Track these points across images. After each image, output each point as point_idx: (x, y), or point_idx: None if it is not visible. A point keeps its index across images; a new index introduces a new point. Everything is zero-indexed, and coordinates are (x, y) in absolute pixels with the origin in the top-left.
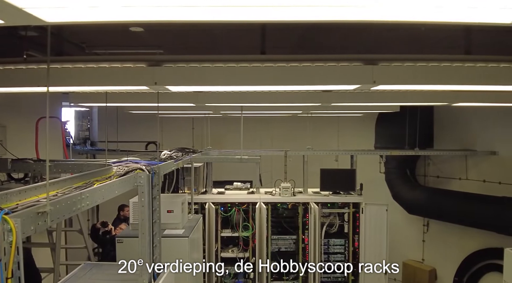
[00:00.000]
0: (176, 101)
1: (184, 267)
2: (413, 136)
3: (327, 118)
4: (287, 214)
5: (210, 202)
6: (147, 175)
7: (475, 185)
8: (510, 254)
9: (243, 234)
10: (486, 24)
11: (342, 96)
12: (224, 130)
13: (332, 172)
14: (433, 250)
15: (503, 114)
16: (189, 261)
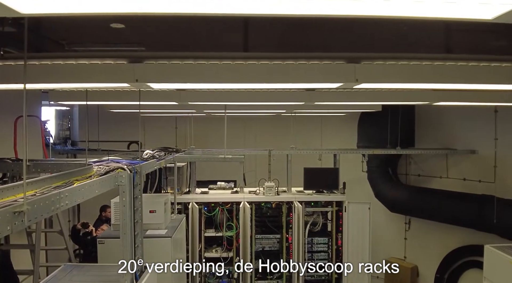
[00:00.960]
0: (159, 99)
1: (167, 267)
2: (395, 135)
3: (311, 118)
4: (271, 213)
5: (194, 202)
6: (129, 174)
7: (455, 183)
8: (489, 250)
9: (227, 233)
10: (467, 20)
11: (325, 96)
12: (208, 129)
13: (316, 171)
14: (415, 247)
15: (483, 114)
16: (172, 261)
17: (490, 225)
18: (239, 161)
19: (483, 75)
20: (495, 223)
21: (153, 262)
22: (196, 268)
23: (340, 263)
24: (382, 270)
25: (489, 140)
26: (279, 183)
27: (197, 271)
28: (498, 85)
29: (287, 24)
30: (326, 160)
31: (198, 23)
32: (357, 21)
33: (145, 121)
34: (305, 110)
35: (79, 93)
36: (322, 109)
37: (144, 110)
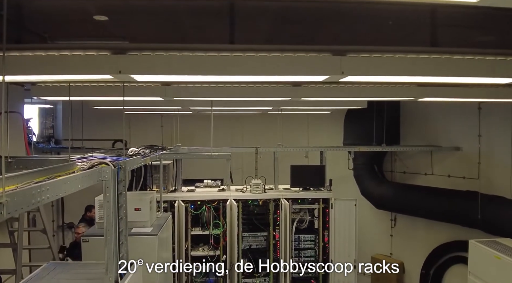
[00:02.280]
0: (143, 95)
1: (152, 266)
2: (380, 133)
3: (297, 116)
4: (258, 211)
5: (180, 200)
6: (112, 169)
7: (440, 180)
8: (474, 245)
9: (213, 231)
10: (453, 2)
11: (311, 91)
12: (194, 127)
13: (302, 168)
14: (401, 244)
15: (467, 111)
16: (158, 260)
17: (474, 221)
18: (225, 157)
19: (467, 69)
20: (479, 218)
21: (138, 259)
22: (183, 267)
23: (327, 262)
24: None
25: (473, 137)
26: (266, 181)
27: (187, 272)
28: (482, 78)
29: (274, 17)
30: (313, 157)
31: (183, 14)
32: (344, 14)
33: (131, 119)
34: (292, 108)
35: (62, 88)
36: (308, 106)
37: (129, 107)
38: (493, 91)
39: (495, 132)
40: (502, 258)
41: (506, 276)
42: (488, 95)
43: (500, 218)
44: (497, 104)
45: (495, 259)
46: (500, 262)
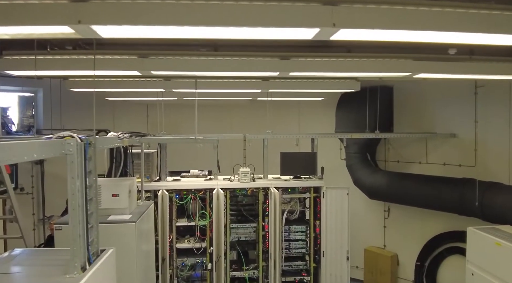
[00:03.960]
0: (118, 68)
1: (130, 253)
2: (373, 120)
3: (288, 104)
4: (247, 201)
5: (164, 189)
6: (79, 143)
7: (435, 169)
8: (473, 232)
9: (200, 223)
10: None
11: (300, 65)
12: (181, 117)
13: (293, 156)
14: (395, 235)
15: (463, 97)
16: (137, 250)
17: (472, 209)
18: (210, 142)
19: (471, 23)
20: (476, 206)
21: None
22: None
23: (319, 253)
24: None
25: (469, 124)
26: (254, 169)
27: (175, 270)
28: (487, 35)
29: None
30: (304, 147)
31: None
32: None
33: (115, 109)
34: (281, 91)
35: (28, 61)
36: (298, 88)
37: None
38: (493, 67)
39: (492, 118)
40: (503, 245)
41: (507, 263)
42: (488, 71)
43: (499, 204)
44: (494, 88)
45: (495, 246)
46: (501, 249)
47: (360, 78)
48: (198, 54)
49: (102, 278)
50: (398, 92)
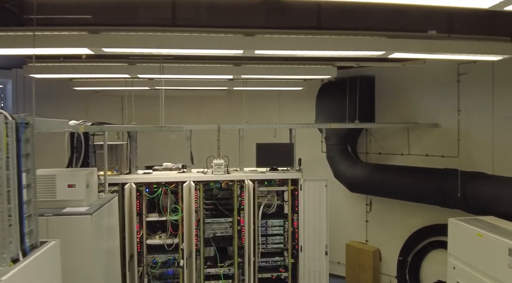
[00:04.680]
0: (65, 44)
1: (86, 249)
2: (354, 111)
3: (268, 96)
4: (223, 195)
5: (132, 182)
6: (10, 121)
7: (417, 160)
8: (454, 224)
9: (171, 217)
10: None
11: (267, 42)
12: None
13: (269, 146)
14: (377, 230)
15: (444, 86)
16: (95, 246)
17: (455, 200)
18: (179, 130)
19: None
20: (459, 197)
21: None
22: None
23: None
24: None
25: (451, 113)
26: (229, 161)
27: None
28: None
29: None
30: (285, 139)
31: None
32: None
33: (88, 101)
34: (256, 78)
35: None
36: (270, 74)
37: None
38: (473, 45)
39: (474, 107)
40: (484, 235)
41: (488, 254)
42: (468, 50)
43: (482, 195)
44: (476, 76)
45: (476, 237)
46: (482, 240)
47: (334, 57)
48: (155, 30)
49: (38, 271)
50: (379, 83)
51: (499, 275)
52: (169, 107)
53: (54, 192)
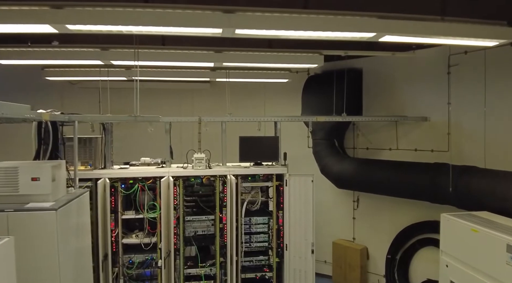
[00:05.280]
0: (26, 21)
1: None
2: (341, 105)
3: (253, 89)
4: (204, 191)
5: (106, 178)
6: None
7: (406, 155)
8: (447, 220)
9: (148, 215)
10: None
11: (249, 20)
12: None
13: (253, 140)
14: (364, 227)
15: (434, 78)
16: (61, 242)
17: (446, 196)
18: (154, 120)
19: None
20: (450, 192)
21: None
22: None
23: (282, 247)
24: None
25: (441, 106)
26: (210, 156)
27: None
28: None
29: None
30: (269, 133)
31: None
32: None
33: (64, 94)
34: (238, 66)
35: None
36: (253, 61)
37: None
38: (467, 29)
39: (465, 99)
40: (480, 231)
41: (484, 251)
42: (461, 33)
43: (474, 189)
44: (468, 67)
45: (472, 233)
46: (478, 236)
47: (322, 41)
48: (124, 6)
49: None
50: (367, 76)
51: (496, 273)
52: (149, 101)
53: (17, 185)
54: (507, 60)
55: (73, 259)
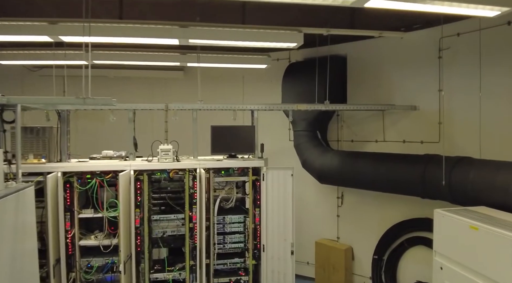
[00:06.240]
0: None
1: None
2: (323, 94)
3: (229, 78)
4: (173, 187)
5: (60, 171)
6: None
7: (394, 147)
8: (441, 216)
9: (108, 214)
10: None
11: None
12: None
13: (226, 130)
14: (349, 226)
15: (423, 63)
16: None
17: (438, 190)
18: (107, 104)
19: None
20: (443, 186)
21: None
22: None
23: (259, 248)
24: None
25: (432, 93)
26: (179, 147)
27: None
28: None
29: None
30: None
31: None
32: None
33: (24, 82)
34: (209, 43)
35: None
36: (226, 39)
37: None
38: None
39: (459, 85)
40: (480, 228)
41: (485, 251)
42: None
43: (470, 182)
44: (461, 49)
45: (470, 231)
46: (478, 234)
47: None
48: None
49: None
50: (352, 62)
51: (500, 276)
52: (118, 90)
53: None
54: (503, 40)
55: (9, 265)
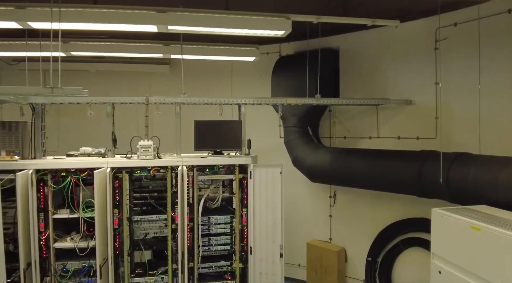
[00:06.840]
0: None
1: None
2: (315, 88)
3: (217, 72)
4: (155, 186)
5: (33, 169)
6: None
7: (388, 143)
8: (439, 216)
9: (84, 214)
10: None
11: None
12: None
13: (211, 124)
14: (342, 226)
15: (419, 55)
16: None
17: (435, 188)
18: (78, 94)
19: None
20: (441, 183)
21: None
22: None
23: (246, 250)
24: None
25: (428, 87)
26: (160, 143)
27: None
28: None
29: None
30: None
31: None
32: None
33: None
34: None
35: None
36: (209, 25)
37: None
38: None
39: (456, 77)
40: (483, 229)
41: (488, 253)
42: None
43: (470, 179)
44: (459, 40)
45: (472, 232)
46: (480, 235)
47: None
48: None
49: None
50: (344, 55)
51: (505, 281)
52: (99, 84)
53: None
54: (504, 29)
55: None
